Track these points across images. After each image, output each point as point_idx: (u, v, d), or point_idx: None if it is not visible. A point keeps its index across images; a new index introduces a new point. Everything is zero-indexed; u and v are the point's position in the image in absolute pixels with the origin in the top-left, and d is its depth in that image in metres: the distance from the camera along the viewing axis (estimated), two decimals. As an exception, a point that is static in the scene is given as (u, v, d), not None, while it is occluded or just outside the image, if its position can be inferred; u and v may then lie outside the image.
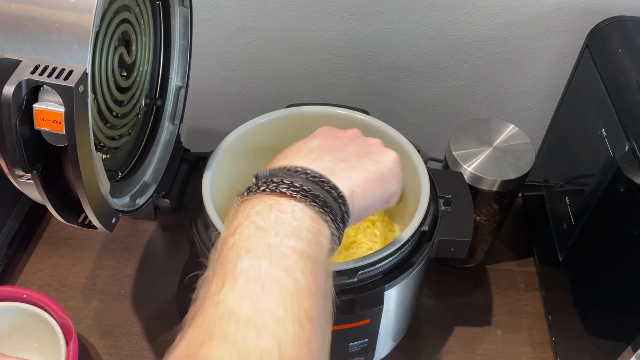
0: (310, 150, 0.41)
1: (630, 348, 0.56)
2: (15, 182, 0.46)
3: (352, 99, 0.91)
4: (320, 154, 0.40)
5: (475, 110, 0.91)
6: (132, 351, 0.76)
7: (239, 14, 0.81)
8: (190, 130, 0.97)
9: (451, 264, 0.87)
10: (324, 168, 0.39)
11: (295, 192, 0.36)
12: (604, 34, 0.70)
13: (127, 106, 0.58)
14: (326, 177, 0.38)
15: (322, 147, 0.42)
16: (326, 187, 0.37)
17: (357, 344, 0.64)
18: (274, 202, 0.36)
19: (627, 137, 0.57)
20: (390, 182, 0.43)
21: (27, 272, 0.85)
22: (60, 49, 0.42)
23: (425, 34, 0.81)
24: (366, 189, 0.40)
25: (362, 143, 0.44)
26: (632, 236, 0.57)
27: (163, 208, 0.65)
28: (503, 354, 0.77)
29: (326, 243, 0.36)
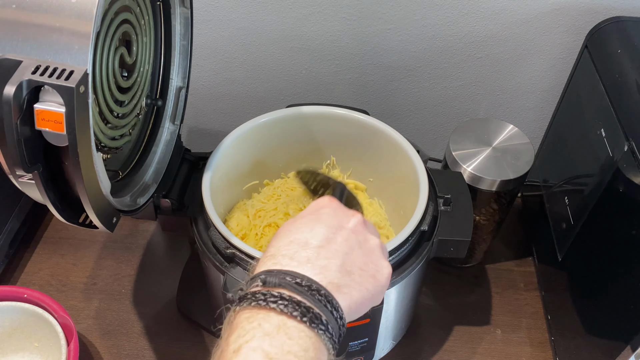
0: (318, 249, 0.41)
1: (629, 347, 0.56)
2: (16, 182, 0.46)
3: (352, 99, 0.91)
4: (327, 259, 0.40)
5: (475, 111, 0.91)
6: (133, 351, 0.76)
7: (239, 15, 0.81)
8: (190, 130, 0.97)
9: (451, 263, 0.87)
10: (331, 282, 0.39)
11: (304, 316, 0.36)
12: (603, 35, 0.71)
13: (127, 106, 0.59)
14: (332, 297, 0.38)
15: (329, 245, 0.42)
16: (330, 309, 0.38)
17: (357, 344, 0.64)
18: (282, 324, 0.36)
19: (626, 137, 0.58)
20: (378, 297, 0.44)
21: (28, 272, 0.85)
22: (61, 49, 0.42)
23: (425, 35, 0.81)
24: (360, 306, 0.41)
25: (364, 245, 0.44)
26: (631, 236, 0.57)
27: (163, 208, 0.66)
28: (502, 353, 0.77)
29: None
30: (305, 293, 0.37)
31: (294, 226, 0.43)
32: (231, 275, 0.59)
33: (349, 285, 0.40)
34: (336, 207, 0.46)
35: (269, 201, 0.76)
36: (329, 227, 0.43)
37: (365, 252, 0.43)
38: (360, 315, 0.42)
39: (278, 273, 0.38)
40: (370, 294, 0.42)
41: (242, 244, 0.59)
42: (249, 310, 0.37)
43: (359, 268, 0.42)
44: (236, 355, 0.35)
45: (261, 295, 0.37)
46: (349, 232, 0.43)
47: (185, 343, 0.77)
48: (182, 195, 0.67)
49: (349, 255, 0.42)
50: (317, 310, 0.37)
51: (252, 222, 0.73)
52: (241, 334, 0.35)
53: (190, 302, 0.80)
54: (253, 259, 0.58)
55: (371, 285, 0.42)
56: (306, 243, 0.41)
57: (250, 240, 0.71)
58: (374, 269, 0.43)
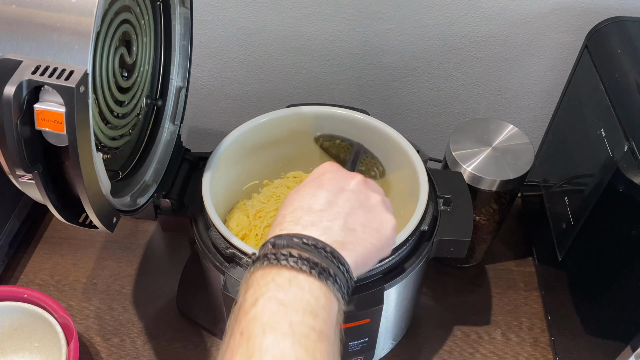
0: (321, 212, 0.44)
1: (629, 347, 0.56)
2: (16, 182, 0.46)
3: (352, 99, 0.91)
4: (330, 220, 0.43)
5: (475, 111, 0.91)
6: (133, 351, 0.76)
7: (239, 15, 0.82)
8: (190, 130, 0.97)
9: (451, 263, 0.87)
10: (335, 240, 0.42)
11: (313, 269, 0.39)
12: (603, 35, 0.71)
13: (127, 106, 0.59)
14: (337, 253, 0.41)
15: (330, 208, 0.45)
16: (337, 263, 0.41)
17: (356, 344, 0.64)
18: (293, 277, 0.39)
19: (626, 137, 0.58)
20: (386, 249, 0.47)
21: (28, 272, 0.85)
22: (61, 49, 0.42)
23: (424, 35, 0.81)
24: (367, 260, 0.44)
25: (366, 202, 0.47)
26: (631, 236, 0.57)
27: (163, 208, 0.66)
28: (502, 353, 0.77)
29: (336, 319, 0.40)
30: (312, 250, 0.40)
31: (298, 195, 0.46)
32: (231, 275, 0.59)
33: (352, 242, 0.43)
34: (336, 171, 0.49)
35: (269, 202, 0.76)
36: (330, 191, 0.46)
37: (367, 209, 0.46)
38: (369, 268, 0.45)
39: (286, 236, 0.41)
40: (375, 247, 0.45)
41: (242, 244, 0.59)
42: (261, 269, 0.40)
43: (362, 225, 0.45)
44: (253, 307, 0.38)
45: (272, 255, 0.40)
46: (350, 193, 0.46)
47: (185, 343, 0.77)
48: (182, 195, 0.67)
49: (350, 215, 0.45)
50: (324, 265, 0.40)
51: (253, 223, 0.73)
52: (256, 289, 0.39)
53: (190, 302, 0.80)
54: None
55: (375, 238, 0.45)
56: (309, 209, 0.44)
57: (250, 240, 0.71)
58: (377, 224, 0.46)
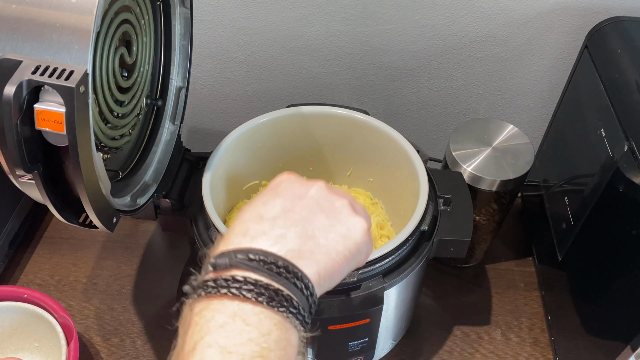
0: (274, 220, 0.37)
1: (629, 347, 0.56)
2: (16, 182, 0.46)
3: (352, 99, 0.91)
4: (284, 228, 0.36)
5: (475, 111, 0.91)
6: (133, 351, 0.76)
7: (239, 15, 0.82)
8: (190, 130, 0.97)
9: (451, 263, 0.87)
10: (290, 249, 0.35)
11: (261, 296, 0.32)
12: (603, 34, 0.71)
13: (127, 106, 0.59)
14: (292, 266, 0.34)
15: (286, 215, 0.37)
16: (292, 280, 0.34)
17: (356, 344, 0.64)
18: (238, 309, 0.32)
19: (626, 137, 0.58)
20: (358, 256, 0.40)
21: (28, 272, 0.85)
22: (61, 49, 0.42)
23: (424, 35, 0.81)
24: (334, 271, 0.37)
25: (329, 208, 0.39)
26: (631, 236, 0.57)
27: (163, 208, 0.66)
28: (502, 353, 0.77)
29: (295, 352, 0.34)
30: (260, 268, 0.33)
31: (249, 205, 0.39)
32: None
33: (312, 250, 0.36)
34: (294, 179, 0.41)
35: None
36: (287, 198, 0.39)
37: (330, 213, 0.39)
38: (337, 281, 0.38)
39: (229, 253, 0.34)
40: (342, 255, 0.38)
41: (242, 244, 0.59)
42: (201, 302, 0.34)
43: (323, 230, 0.38)
44: (191, 355, 0.32)
45: (212, 283, 0.33)
46: (310, 200, 0.39)
47: (185, 343, 0.77)
48: (182, 195, 0.67)
49: (310, 221, 0.38)
50: (276, 286, 0.33)
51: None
52: (195, 330, 0.33)
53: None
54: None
55: (341, 245, 0.38)
56: (260, 216, 0.37)
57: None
58: (343, 228, 0.39)
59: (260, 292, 0.32)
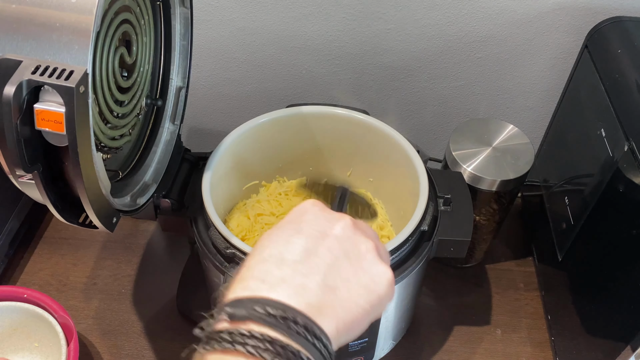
0: (295, 265, 0.35)
1: (630, 347, 0.56)
2: (16, 182, 0.46)
3: (352, 99, 0.91)
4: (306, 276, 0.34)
5: (475, 111, 0.91)
6: (133, 351, 0.76)
7: (239, 15, 0.81)
8: (190, 130, 0.97)
9: (451, 263, 0.87)
10: (310, 303, 0.33)
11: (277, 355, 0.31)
12: (603, 34, 0.71)
13: (127, 106, 0.59)
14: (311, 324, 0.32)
15: (308, 258, 0.36)
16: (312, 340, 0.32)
17: (356, 343, 0.64)
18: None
19: (626, 138, 0.58)
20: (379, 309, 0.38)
21: (27, 272, 0.85)
22: (61, 49, 0.42)
23: (424, 35, 0.81)
24: (352, 326, 0.36)
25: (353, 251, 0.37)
26: (631, 236, 0.57)
27: (163, 208, 0.66)
28: (502, 353, 0.77)
29: None
30: (279, 325, 0.31)
31: (270, 239, 0.37)
32: (231, 276, 0.59)
33: (333, 305, 0.34)
34: (318, 212, 0.39)
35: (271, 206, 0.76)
36: (310, 236, 0.37)
37: (354, 260, 0.37)
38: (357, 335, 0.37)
39: (247, 302, 0.33)
40: (363, 309, 0.36)
41: (242, 244, 0.59)
42: (214, 354, 0.32)
43: (346, 280, 0.36)
44: None
45: (227, 336, 0.32)
46: (334, 240, 0.37)
47: (185, 343, 0.77)
48: (182, 195, 0.67)
49: (332, 268, 0.36)
50: (295, 347, 0.31)
51: (254, 225, 0.73)
52: None
53: (190, 302, 0.80)
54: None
55: (363, 299, 0.36)
56: (281, 259, 0.35)
57: (250, 241, 0.71)
58: (366, 279, 0.37)
59: (277, 352, 0.31)
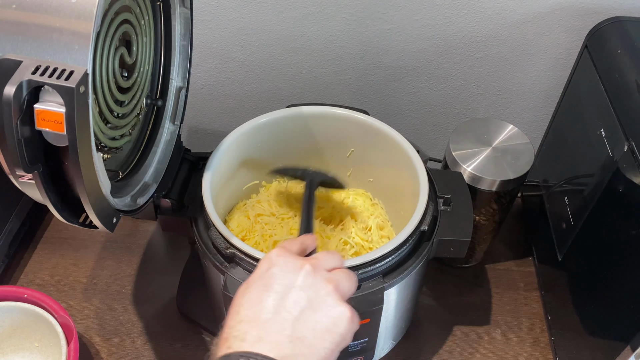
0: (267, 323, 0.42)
1: (629, 347, 0.56)
2: (16, 182, 0.46)
3: (352, 99, 0.91)
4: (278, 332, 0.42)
5: (475, 111, 0.91)
6: (133, 350, 0.76)
7: (239, 15, 0.82)
8: (190, 130, 0.97)
9: (451, 263, 0.87)
10: (285, 355, 0.41)
11: None
12: (603, 35, 0.71)
13: (127, 106, 0.59)
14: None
15: (278, 315, 0.43)
16: None
17: (356, 344, 0.64)
18: None
19: (626, 138, 0.58)
20: (342, 344, 0.45)
21: (28, 272, 0.85)
22: (61, 49, 0.42)
23: (424, 35, 0.81)
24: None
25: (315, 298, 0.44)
26: (631, 236, 0.57)
27: (163, 208, 0.66)
28: (502, 353, 0.77)
29: None
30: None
31: (244, 300, 0.44)
32: (231, 275, 0.59)
33: (302, 352, 0.42)
34: (283, 264, 0.46)
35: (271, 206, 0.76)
36: (277, 292, 0.44)
37: (316, 307, 0.44)
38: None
39: (233, 356, 0.40)
40: (328, 349, 0.43)
41: (242, 244, 0.59)
42: None
43: (312, 329, 0.43)
44: None
45: None
46: (298, 292, 0.44)
47: (185, 343, 0.77)
48: (182, 195, 0.67)
49: (299, 320, 0.43)
50: None
51: (254, 225, 0.73)
52: None
53: (190, 302, 0.80)
54: (253, 259, 0.58)
55: (327, 341, 0.43)
56: (255, 320, 0.43)
57: (250, 241, 0.71)
58: (327, 323, 0.44)
59: None
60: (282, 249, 0.48)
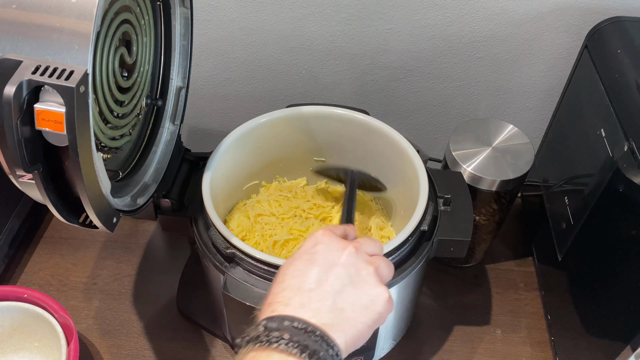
0: (310, 292, 0.44)
1: (629, 347, 0.56)
2: (16, 182, 0.46)
3: (352, 99, 0.91)
4: (319, 302, 0.44)
5: (475, 111, 0.91)
6: (133, 350, 0.76)
7: (239, 15, 0.82)
8: (190, 130, 0.97)
9: (451, 263, 0.87)
10: (324, 323, 0.43)
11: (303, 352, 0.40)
12: (603, 35, 0.71)
13: (127, 106, 0.59)
14: (327, 337, 0.42)
15: (320, 287, 0.45)
16: (326, 347, 0.41)
17: (356, 344, 0.64)
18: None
19: (626, 137, 0.58)
20: (379, 322, 0.47)
21: (28, 272, 0.85)
22: (61, 49, 0.42)
23: (424, 35, 0.81)
24: (358, 339, 0.45)
25: (357, 277, 0.47)
26: (631, 236, 0.57)
27: (163, 208, 0.66)
28: (502, 353, 0.77)
29: None
30: (303, 334, 0.41)
31: (289, 270, 0.47)
32: (231, 275, 0.59)
33: (341, 323, 0.44)
34: (328, 242, 0.48)
35: (271, 206, 0.76)
36: (321, 266, 0.46)
37: (357, 284, 0.46)
38: (361, 345, 0.46)
39: (277, 319, 0.42)
40: (365, 325, 0.45)
41: (242, 244, 0.59)
42: (254, 351, 0.41)
43: (351, 303, 0.45)
44: None
45: (264, 338, 0.41)
46: (340, 268, 0.46)
47: (185, 343, 0.77)
48: (182, 195, 0.67)
49: (340, 294, 0.45)
50: (314, 348, 0.40)
51: (254, 225, 0.73)
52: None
53: (190, 302, 0.80)
54: (253, 259, 0.58)
55: (365, 316, 0.45)
56: (299, 288, 0.45)
57: (250, 241, 0.71)
58: (366, 300, 0.46)
59: (302, 349, 0.40)
60: (327, 229, 0.50)
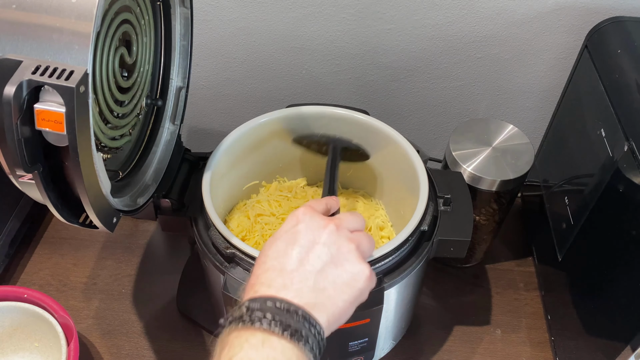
0: (292, 273, 0.45)
1: (629, 347, 0.56)
2: (16, 182, 0.46)
3: (352, 99, 0.91)
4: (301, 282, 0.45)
5: (475, 111, 0.91)
6: (133, 350, 0.76)
7: (239, 15, 0.82)
8: (190, 130, 0.97)
9: (451, 263, 0.87)
10: (306, 303, 0.44)
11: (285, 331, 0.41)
12: (603, 35, 0.71)
13: (127, 106, 0.59)
14: (308, 315, 0.43)
15: (302, 267, 0.45)
16: (308, 326, 0.42)
17: (356, 343, 0.64)
18: (266, 339, 0.41)
19: (626, 137, 0.58)
20: (360, 298, 0.47)
21: (28, 272, 0.85)
22: (61, 49, 0.42)
23: (424, 35, 0.81)
24: (340, 316, 0.46)
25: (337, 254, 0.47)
26: (631, 236, 0.57)
27: (163, 208, 0.66)
28: (502, 353, 0.77)
29: None
30: (285, 314, 0.42)
31: (270, 251, 0.47)
32: (231, 275, 0.59)
33: (323, 302, 0.45)
34: (309, 221, 0.48)
35: (271, 206, 0.76)
36: (302, 246, 0.47)
37: (338, 262, 0.47)
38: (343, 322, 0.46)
39: (260, 300, 0.43)
40: (347, 302, 0.46)
41: (242, 244, 0.59)
42: (236, 330, 0.41)
43: (332, 282, 0.46)
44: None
45: (247, 317, 0.42)
46: (322, 247, 0.47)
47: (185, 343, 0.77)
48: (182, 195, 0.67)
49: (321, 273, 0.46)
50: (296, 327, 0.41)
51: (254, 226, 0.73)
52: (230, 348, 0.41)
53: (190, 302, 0.80)
54: (253, 259, 0.58)
55: (346, 294, 0.46)
56: (281, 269, 0.45)
57: (250, 241, 0.71)
58: (347, 277, 0.46)
59: (284, 328, 0.41)
60: (308, 207, 0.50)
